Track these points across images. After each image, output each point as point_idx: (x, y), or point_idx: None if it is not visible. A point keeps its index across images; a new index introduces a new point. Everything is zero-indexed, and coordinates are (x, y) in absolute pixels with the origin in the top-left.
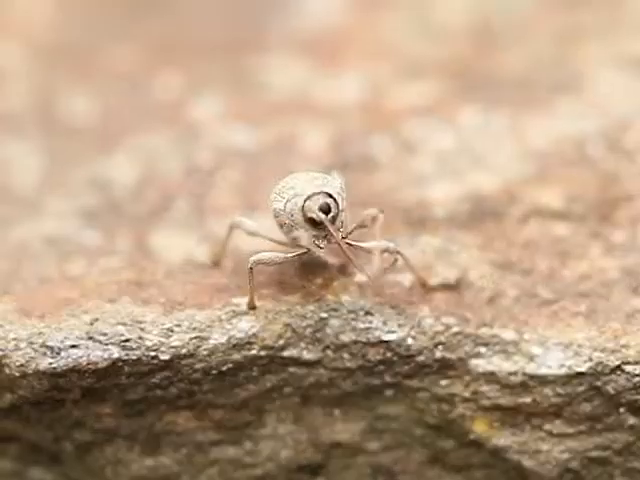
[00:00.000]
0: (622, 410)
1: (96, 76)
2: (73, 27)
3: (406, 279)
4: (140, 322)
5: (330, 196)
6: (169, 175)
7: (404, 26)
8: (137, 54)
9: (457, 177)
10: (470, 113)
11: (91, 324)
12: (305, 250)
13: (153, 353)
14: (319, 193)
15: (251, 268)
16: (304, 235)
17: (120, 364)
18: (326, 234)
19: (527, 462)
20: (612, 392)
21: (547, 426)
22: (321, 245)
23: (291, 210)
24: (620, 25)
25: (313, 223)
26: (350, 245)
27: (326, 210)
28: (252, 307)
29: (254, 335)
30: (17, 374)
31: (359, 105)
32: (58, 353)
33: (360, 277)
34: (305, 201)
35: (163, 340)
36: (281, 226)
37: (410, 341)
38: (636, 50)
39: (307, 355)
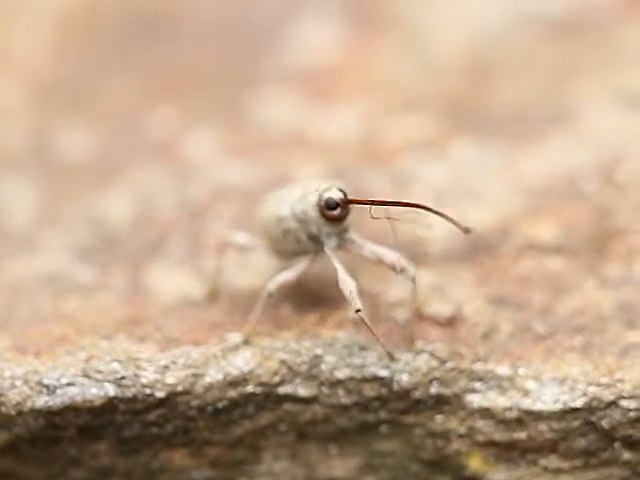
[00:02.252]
0: (617, 445)
1: (92, 113)
2: (69, 64)
3: (400, 314)
4: (136, 359)
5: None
6: (164, 211)
7: (398, 60)
8: (132, 91)
9: (451, 212)
10: (464, 147)
11: (87, 361)
12: (312, 256)
13: (149, 390)
14: (333, 185)
15: (270, 295)
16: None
17: (116, 402)
18: (340, 230)
19: None
20: (607, 427)
21: (542, 461)
22: (331, 245)
23: (303, 210)
24: (613, 59)
25: (332, 208)
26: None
27: (345, 194)
28: (247, 341)
29: (249, 372)
30: (13, 412)
31: (353, 140)
32: (54, 391)
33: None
34: (321, 194)
35: (159, 377)
36: (285, 235)
37: (405, 377)
38: (629, 84)
39: (302, 392)
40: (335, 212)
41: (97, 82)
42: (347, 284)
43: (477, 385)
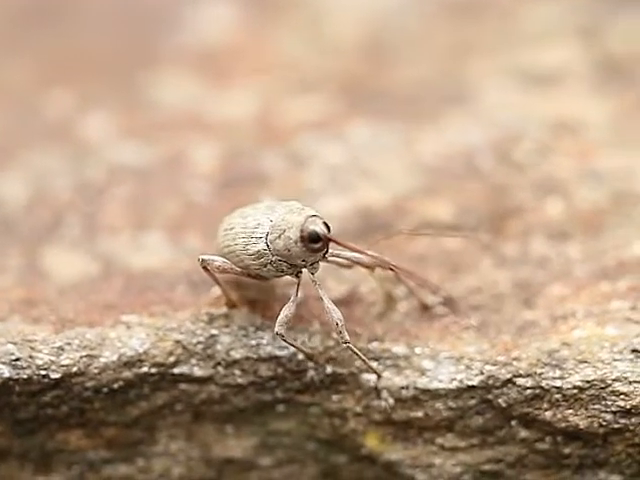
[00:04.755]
0: (514, 423)
1: None
2: None
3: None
4: (30, 341)
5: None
6: (60, 193)
7: (295, 42)
8: (27, 73)
9: (347, 191)
10: (360, 127)
11: None
12: (295, 280)
13: (44, 372)
14: (312, 217)
15: (281, 336)
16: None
17: (11, 383)
18: (321, 256)
19: (420, 476)
20: (504, 405)
21: (439, 440)
22: (315, 270)
23: (285, 245)
24: (510, 38)
25: (316, 244)
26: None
27: (328, 227)
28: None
29: (145, 352)
30: None
31: (250, 121)
32: None
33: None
34: (302, 230)
35: (54, 359)
36: (264, 266)
37: (301, 357)
38: (524, 62)
39: (198, 372)
40: (319, 245)
41: None
42: (335, 315)
43: (373, 364)
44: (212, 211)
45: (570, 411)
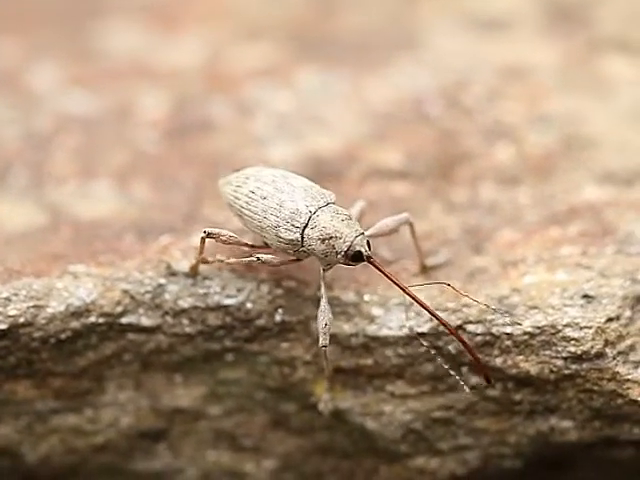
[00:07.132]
0: (464, 370)
1: None
2: None
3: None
4: None
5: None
6: (7, 142)
7: None
8: None
9: (296, 138)
10: (309, 75)
11: None
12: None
13: None
14: (361, 234)
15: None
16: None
17: None
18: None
19: (370, 424)
20: (454, 352)
21: (389, 387)
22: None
23: (325, 251)
24: None
25: (356, 263)
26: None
27: (369, 246)
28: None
29: (92, 302)
30: None
31: (198, 69)
32: None
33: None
34: (350, 246)
35: (0, 309)
36: (286, 246)
37: (249, 305)
38: (473, 8)
39: (146, 321)
40: (358, 264)
41: None
42: (327, 315)
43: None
44: (160, 160)
45: (521, 357)
